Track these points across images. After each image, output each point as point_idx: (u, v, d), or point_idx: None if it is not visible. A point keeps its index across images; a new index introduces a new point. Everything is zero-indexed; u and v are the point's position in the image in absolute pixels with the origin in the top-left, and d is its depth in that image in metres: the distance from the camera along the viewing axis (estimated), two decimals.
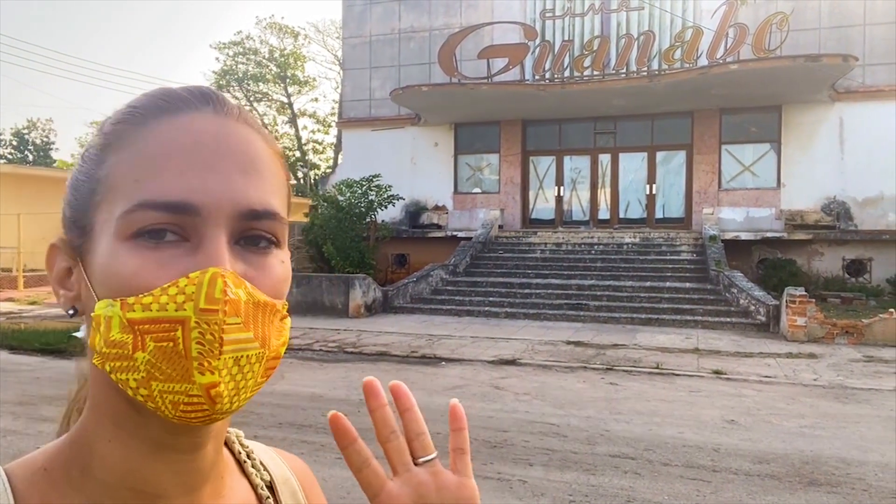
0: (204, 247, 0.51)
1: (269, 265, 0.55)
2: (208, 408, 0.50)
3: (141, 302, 0.49)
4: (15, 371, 8.42)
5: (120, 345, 0.50)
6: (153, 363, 0.49)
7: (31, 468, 0.56)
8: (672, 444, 5.52)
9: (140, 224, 0.50)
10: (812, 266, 15.74)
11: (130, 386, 0.50)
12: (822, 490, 4.57)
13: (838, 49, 15.24)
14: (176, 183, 0.51)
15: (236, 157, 0.54)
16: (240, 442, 0.70)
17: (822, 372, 8.50)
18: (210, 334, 0.49)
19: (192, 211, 0.51)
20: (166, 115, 0.54)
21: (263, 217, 0.54)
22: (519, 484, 4.61)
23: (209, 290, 0.49)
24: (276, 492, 0.69)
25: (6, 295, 17.26)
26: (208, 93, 0.57)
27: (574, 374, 8.43)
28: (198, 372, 0.49)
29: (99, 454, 0.56)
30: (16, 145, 43.20)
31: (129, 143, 0.53)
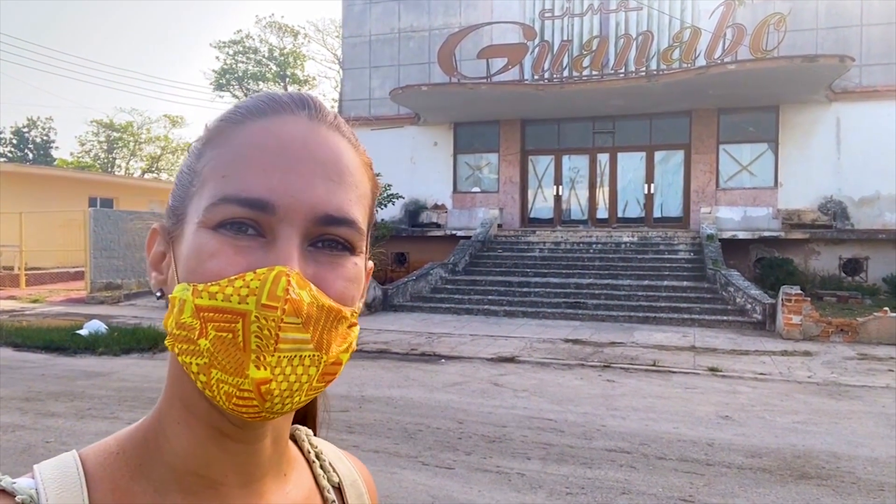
0: (276, 245, 0.53)
1: (340, 265, 0.56)
2: (258, 404, 0.50)
3: (208, 290, 0.51)
4: (20, 368, 8.53)
5: (188, 328, 0.52)
6: (213, 352, 0.51)
7: (104, 452, 0.58)
8: (667, 439, 5.63)
9: (222, 216, 0.53)
10: (809, 265, 15.86)
11: (192, 370, 0.52)
12: (812, 483, 4.69)
13: (835, 49, 15.35)
14: (257, 181, 0.53)
15: (321, 162, 0.55)
16: (309, 440, 0.71)
17: (817, 369, 8.62)
18: (267, 330, 0.49)
19: (269, 209, 0.52)
20: (262, 117, 0.56)
21: (340, 224, 0.55)
22: (517, 477, 4.73)
23: (272, 287, 0.50)
24: (345, 494, 0.70)
25: (8, 293, 17.35)
26: (307, 98, 0.59)
27: (572, 371, 8.55)
28: (253, 366, 0.50)
29: (168, 436, 0.58)
30: (16, 144, 43.22)
31: (224, 141, 0.56)
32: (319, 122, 0.58)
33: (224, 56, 36.57)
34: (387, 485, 4.55)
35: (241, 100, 0.62)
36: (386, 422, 6.09)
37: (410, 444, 5.43)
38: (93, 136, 43.41)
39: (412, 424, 6.01)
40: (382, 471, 4.80)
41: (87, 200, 23.13)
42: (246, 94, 36.87)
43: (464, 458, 5.12)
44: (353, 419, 6.16)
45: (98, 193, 24.47)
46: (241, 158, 0.54)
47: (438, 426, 5.97)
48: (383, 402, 6.85)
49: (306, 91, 0.64)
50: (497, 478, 4.71)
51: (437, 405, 6.73)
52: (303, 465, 0.68)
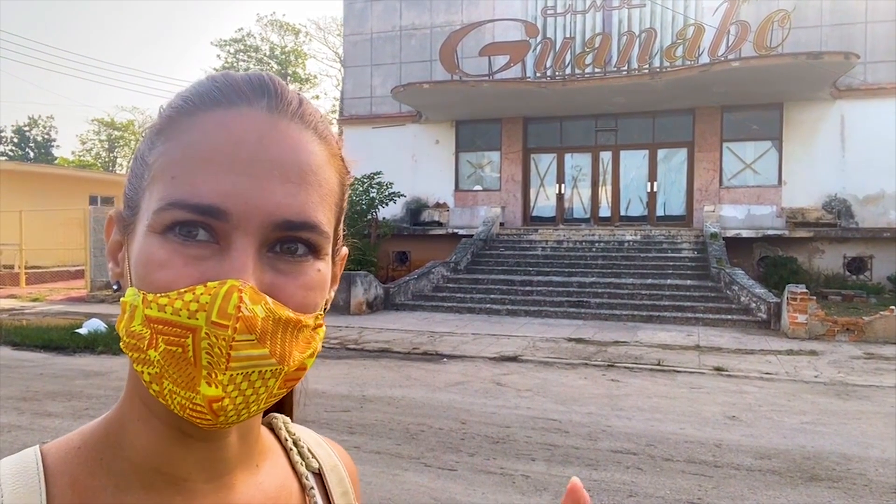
0: (229, 254, 0.50)
1: (301, 272, 0.53)
2: (211, 419, 0.49)
3: (157, 302, 0.48)
4: (18, 367, 8.45)
5: (138, 337, 0.50)
6: (163, 364, 0.49)
7: (65, 447, 0.57)
8: (673, 440, 5.54)
9: (171, 220, 0.50)
10: (813, 264, 15.75)
11: (145, 379, 0.50)
12: (822, 485, 4.59)
13: (840, 47, 15.24)
14: (208, 185, 0.49)
15: (278, 162, 0.51)
16: (286, 428, 0.69)
17: (823, 369, 8.52)
18: (217, 348, 0.47)
19: (221, 216, 0.49)
20: (216, 107, 0.52)
21: (301, 228, 0.52)
22: (522, 478, 4.64)
23: (223, 304, 0.47)
24: (325, 479, 0.68)
25: (8, 292, 17.29)
26: (267, 83, 0.54)
27: (575, 370, 8.46)
28: (205, 382, 0.48)
29: (129, 433, 0.56)
30: (17, 142, 43.20)
31: (176, 133, 0.52)
32: (280, 114, 0.53)
33: (225, 54, 36.52)
34: (388, 486, 4.46)
35: (198, 81, 0.56)
36: (387, 422, 6.00)
37: (412, 445, 5.34)
38: (94, 135, 43.38)
39: (414, 425, 5.92)
40: (384, 472, 4.71)
41: (88, 199, 23.08)
42: None
43: (467, 459, 5.03)
44: (354, 419, 6.07)
45: (98, 192, 24.41)
46: (190, 158, 0.50)
47: (441, 427, 5.88)
48: (385, 401, 6.76)
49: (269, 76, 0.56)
50: (501, 480, 4.61)
51: (440, 405, 6.64)
52: (278, 454, 0.66)
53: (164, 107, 0.55)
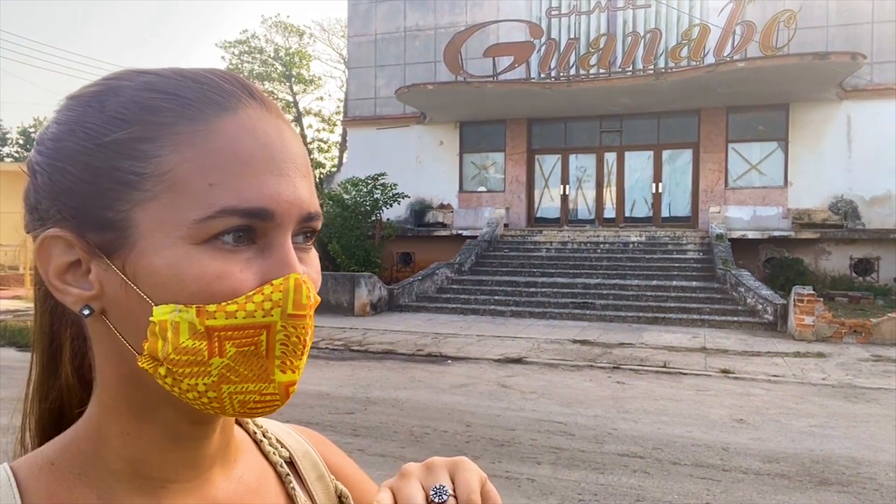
0: (275, 250, 0.52)
1: (313, 258, 0.57)
2: (280, 402, 0.52)
3: (225, 310, 0.49)
4: (22, 368, 8.35)
5: (193, 351, 0.50)
6: (231, 367, 0.50)
7: (36, 464, 0.56)
8: (681, 443, 5.49)
9: (220, 228, 0.50)
10: (819, 265, 15.66)
11: (198, 390, 0.50)
12: (832, 489, 4.53)
13: (846, 47, 15.14)
14: (254, 189, 0.51)
15: (296, 161, 0.54)
16: (254, 422, 0.70)
17: (831, 371, 8.45)
18: (296, 337, 0.51)
19: (268, 217, 0.51)
20: (226, 112, 0.52)
21: (314, 218, 0.56)
22: (527, 482, 4.59)
23: (296, 297, 0.51)
24: (298, 466, 0.69)
25: (13, 292, 17.32)
26: (249, 86, 0.55)
27: (581, 372, 8.40)
28: (279, 371, 0.51)
29: (113, 447, 0.55)
30: (22, 144, 43.37)
31: (191, 141, 0.51)
32: (274, 114, 0.55)
33: (229, 56, 36.55)
34: None
35: (164, 83, 0.52)
36: (392, 424, 5.95)
37: (417, 448, 5.30)
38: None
39: (418, 427, 5.87)
40: (388, 475, 4.62)
41: None
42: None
43: None
44: (358, 421, 6.03)
45: None
46: (226, 164, 0.50)
47: (445, 429, 5.83)
48: (389, 403, 6.72)
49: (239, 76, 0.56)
50: (506, 483, 4.57)
51: (444, 407, 6.60)
52: (250, 447, 0.67)
53: (128, 109, 0.51)
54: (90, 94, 0.54)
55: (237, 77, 0.56)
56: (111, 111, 0.52)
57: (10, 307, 14.53)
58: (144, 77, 0.53)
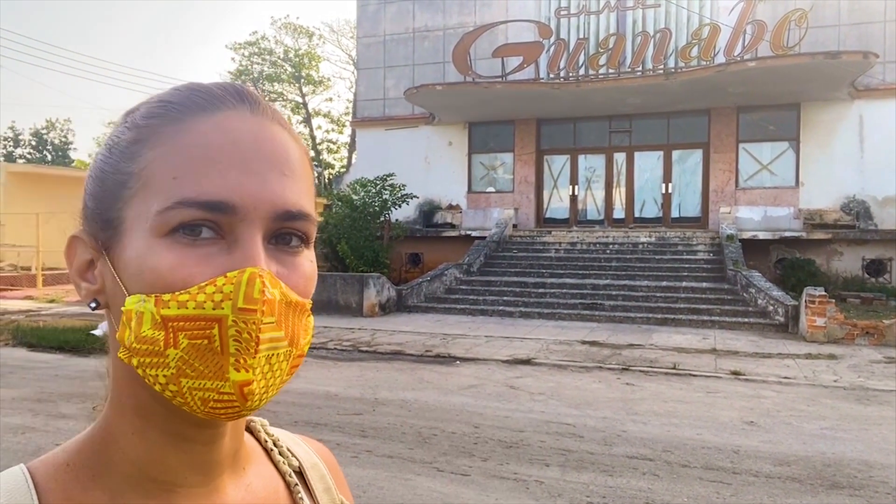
0: (240, 245, 0.52)
1: (299, 264, 0.56)
2: (239, 405, 0.51)
3: (177, 299, 0.50)
4: (34, 368, 8.50)
5: (151, 341, 0.50)
6: (185, 360, 0.50)
7: (53, 464, 0.57)
8: (690, 446, 5.45)
9: (178, 220, 0.51)
10: (831, 266, 15.53)
11: (160, 381, 0.51)
12: (844, 493, 4.49)
13: (858, 46, 15.02)
14: (215, 182, 0.51)
15: (273, 158, 0.54)
16: (265, 430, 0.70)
17: (843, 373, 8.38)
18: (247, 333, 0.50)
19: (229, 210, 0.51)
20: (204, 112, 0.54)
21: (297, 218, 0.55)
22: (535, 484, 4.57)
23: (248, 290, 0.50)
24: (306, 477, 0.70)
25: (25, 293, 17.46)
26: (243, 91, 0.57)
27: (590, 374, 8.37)
28: (233, 369, 0.50)
29: (121, 447, 0.57)
30: (35, 145, 43.71)
31: (165, 140, 0.53)
32: (262, 116, 0.56)
33: (239, 57, 36.71)
34: (401, 491, 4.42)
35: (168, 91, 0.58)
36: (400, 425, 5.95)
37: (425, 449, 5.29)
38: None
39: (426, 428, 5.87)
40: (396, 477, 4.67)
41: None
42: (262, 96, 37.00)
43: (480, 464, 4.97)
44: (366, 423, 6.03)
45: None
46: (192, 158, 0.52)
47: (453, 430, 5.82)
48: (397, 404, 6.72)
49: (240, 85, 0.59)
50: (514, 485, 4.55)
51: (452, 408, 6.59)
52: (261, 456, 0.68)
53: (136, 117, 0.56)
54: (127, 112, 0.59)
55: (235, 85, 0.57)
56: (126, 123, 0.57)
57: (22, 307, 14.65)
58: (163, 92, 0.58)
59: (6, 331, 10.96)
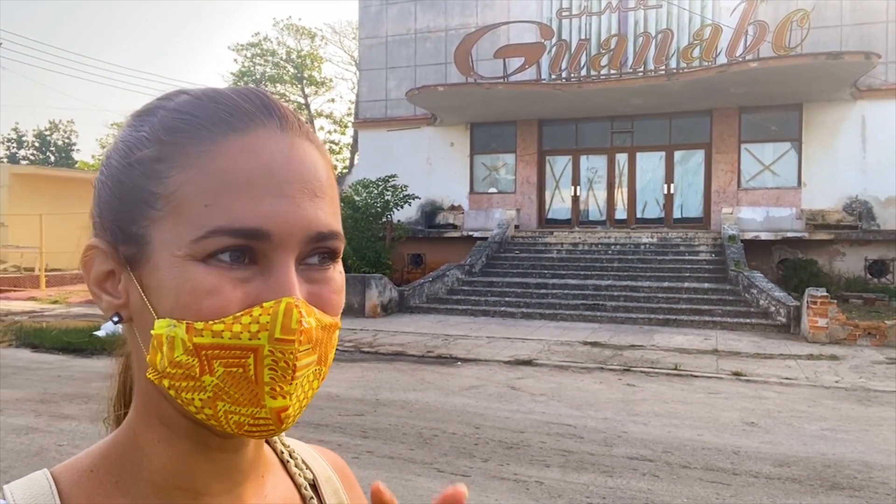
0: (275, 272, 0.52)
1: (330, 279, 0.56)
2: (275, 428, 0.52)
3: (211, 329, 0.50)
4: (37, 369, 8.54)
5: (186, 366, 0.51)
6: (221, 386, 0.50)
7: (76, 470, 0.57)
8: (691, 447, 5.46)
9: (213, 248, 0.51)
10: (833, 266, 15.51)
11: (195, 405, 0.51)
12: (843, 494, 4.49)
13: (860, 46, 15.00)
14: (248, 209, 0.51)
15: (305, 180, 0.54)
16: (281, 441, 0.70)
17: (844, 374, 8.37)
18: (284, 362, 0.50)
19: (263, 237, 0.51)
20: (234, 132, 0.53)
21: (329, 238, 0.55)
22: (535, 485, 4.59)
23: (285, 321, 0.49)
24: (320, 491, 0.69)
25: (29, 294, 17.52)
26: (270, 105, 0.55)
27: (591, 374, 8.38)
28: (269, 397, 0.50)
29: (146, 454, 0.57)
30: (38, 147, 43.82)
31: (194, 162, 0.52)
32: (292, 133, 0.55)
33: (242, 59, 36.77)
34: (401, 492, 4.43)
35: (188, 101, 0.55)
36: (401, 426, 5.97)
37: (426, 450, 5.31)
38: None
39: (427, 429, 5.89)
40: (397, 478, 4.68)
41: None
42: None
43: (480, 465, 4.99)
44: (367, 423, 6.05)
45: None
46: (224, 184, 0.51)
47: (454, 431, 5.84)
48: (398, 405, 6.74)
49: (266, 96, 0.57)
50: (515, 486, 4.57)
51: (453, 409, 6.61)
52: (278, 467, 0.68)
53: (158, 129, 0.54)
54: (139, 113, 0.57)
55: (261, 95, 0.56)
56: (144, 131, 0.55)
57: (25, 308, 14.70)
58: (181, 97, 0.56)
59: (9, 332, 11.01)
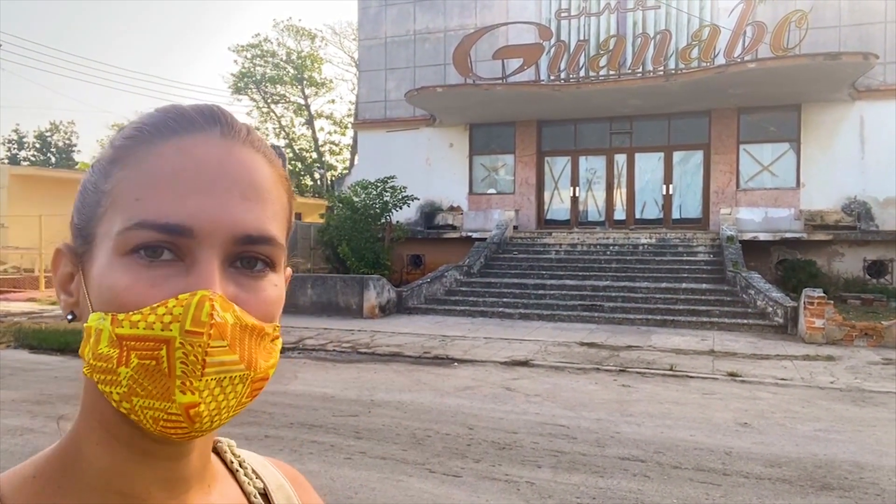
0: (196, 269, 0.52)
1: (261, 288, 0.56)
2: (187, 426, 0.51)
3: (130, 319, 0.51)
4: (34, 370, 8.57)
5: (106, 358, 0.51)
6: (135, 379, 0.51)
7: (19, 477, 0.57)
8: (683, 447, 5.47)
9: (137, 241, 0.52)
10: (832, 267, 15.51)
11: (114, 398, 0.52)
12: (833, 494, 4.50)
13: (859, 47, 15.00)
14: (174, 205, 0.52)
15: (237, 182, 0.55)
16: (231, 451, 0.71)
17: (840, 374, 8.38)
18: (193, 356, 0.50)
19: (187, 233, 0.52)
20: (174, 135, 0.55)
21: (259, 242, 0.55)
22: (526, 486, 4.60)
23: (196, 313, 0.50)
24: (271, 499, 0.70)
25: (28, 295, 17.55)
26: (217, 114, 0.57)
27: (587, 375, 8.39)
28: (179, 391, 0.50)
29: (88, 458, 0.57)
30: (39, 147, 43.90)
31: (135, 161, 0.55)
32: (233, 140, 0.57)
33: (242, 60, 36.81)
34: (392, 493, 4.45)
35: (147, 113, 0.59)
36: (394, 427, 5.99)
37: (418, 451, 5.33)
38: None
39: (421, 430, 5.90)
40: (388, 478, 4.70)
41: None
42: (264, 98, 37.12)
43: (472, 465, 5.00)
44: (361, 424, 6.07)
45: None
46: (154, 181, 0.53)
47: (448, 432, 5.85)
48: (393, 406, 6.76)
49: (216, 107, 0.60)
50: (506, 487, 4.58)
51: (448, 410, 6.62)
52: (226, 476, 0.68)
53: (117, 137, 0.58)
54: (119, 129, 0.61)
55: (213, 108, 0.58)
56: (111, 141, 0.59)
57: (24, 309, 14.73)
58: (148, 112, 0.59)
59: (8, 332, 11.04)
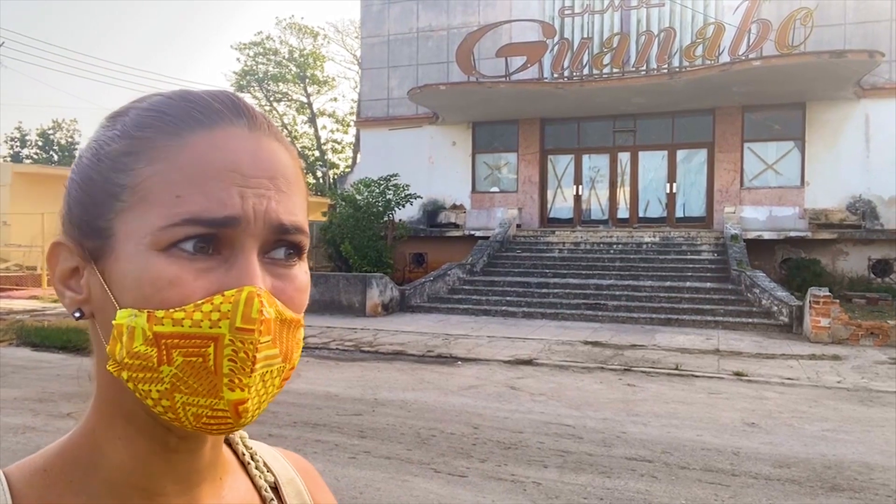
0: (238, 262, 0.53)
1: (294, 276, 0.57)
2: (232, 421, 0.52)
3: (172, 317, 0.50)
4: (36, 368, 8.54)
5: (143, 356, 0.50)
6: (179, 377, 0.50)
7: (29, 469, 0.57)
8: (690, 447, 5.43)
9: (181, 236, 0.51)
10: (837, 266, 15.44)
11: (152, 397, 0.51)
12: (843, 495, 4.45)
13: (864, 45, 14.92)
14: (216, 200, 0.52)
15: (270, 175, 0.55)
16: (243, 443, 0.70)
17: (846, 374, 8.32)
18: (244, 353, 0.50)
19: (230, 225, 0.52)
20: (202, 128, 0.54)
21: (293, 231, 0.56)
22: (533, 486, 4.56)
23: (246, 310, 0.50)
24: (282, 493, 0.69)
25: (31, 293, 17.55)
26: (240, 105, 0.57)
27: (591, 374, 8.35)
28: (227, 388, 0.50)
29: (105, 452, 0.57)
30: (41, 146, 43.91)
31: (163, 155, 0.54)
32: (259, 132, 0.57)
33: (244, 58, 36.77)
34: (397, 493, 4.41)
35: (157, 100, 0.57)
36: (399, 426, 5.95)
37: (423, 450, 5.29)
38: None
39: (425, 429, 5.86)
40: (393, 478, 4.66)
41: None
42: (266, 96, 37.06)
43: (477, 465, 4.96)
44: (365, 423, 6.03)
45: None
46: (192, 177, 0.53)
47: (452, 431, 5.81)
48: (397, 405, 6.72)
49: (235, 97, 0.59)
50: (512, 487, 4.54)
51: (452, 409, 6.58)
52: (238, 469, 0.68)
53: (129, 126, 0.55)
54: (112, 115, 0.58)
55: (231, 97, 0.58)
56: (115, 130, 0.56)
57: (27, 307, 14.72)
58: (153, 98, 0.57)
59: (10, 330, 11.02)
